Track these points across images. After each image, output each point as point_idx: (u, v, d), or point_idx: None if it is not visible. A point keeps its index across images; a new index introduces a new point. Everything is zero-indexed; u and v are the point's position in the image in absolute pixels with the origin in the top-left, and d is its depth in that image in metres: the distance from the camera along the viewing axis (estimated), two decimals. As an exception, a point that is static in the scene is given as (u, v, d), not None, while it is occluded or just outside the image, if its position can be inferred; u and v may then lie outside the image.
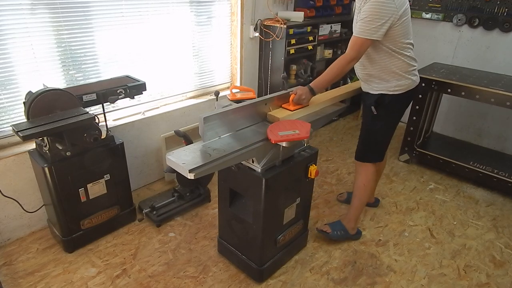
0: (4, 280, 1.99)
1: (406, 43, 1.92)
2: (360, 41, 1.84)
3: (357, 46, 1.86)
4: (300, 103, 1.94)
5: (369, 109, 2.11)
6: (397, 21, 1.80)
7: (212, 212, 2.61)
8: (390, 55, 1.94)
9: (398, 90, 2.03)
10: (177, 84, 3.00)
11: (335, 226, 2.35)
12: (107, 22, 2.39)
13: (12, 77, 2.11)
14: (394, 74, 1.99)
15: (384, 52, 1.93)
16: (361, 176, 2.26)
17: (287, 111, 1.90)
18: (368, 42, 1.84)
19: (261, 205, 1.77)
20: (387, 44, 1.90)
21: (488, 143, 3.61)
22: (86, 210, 2.18)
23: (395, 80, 2.00)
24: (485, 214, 2.72)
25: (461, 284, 2.09)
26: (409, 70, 2.00)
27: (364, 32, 1.81)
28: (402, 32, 1.86)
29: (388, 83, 2.02)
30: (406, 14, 1.84)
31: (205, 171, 1.43)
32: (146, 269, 2.10)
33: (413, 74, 2.03)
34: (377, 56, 1.96)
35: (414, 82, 2.05)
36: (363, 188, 2.25)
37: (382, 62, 1.97)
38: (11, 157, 2.14)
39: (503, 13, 3.23)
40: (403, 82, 2.01)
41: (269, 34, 3.26)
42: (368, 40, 1.82)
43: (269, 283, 2.03)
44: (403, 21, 1.82)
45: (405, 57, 1.96)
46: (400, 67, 1.97)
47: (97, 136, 2.03)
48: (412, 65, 2.01)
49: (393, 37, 1.87)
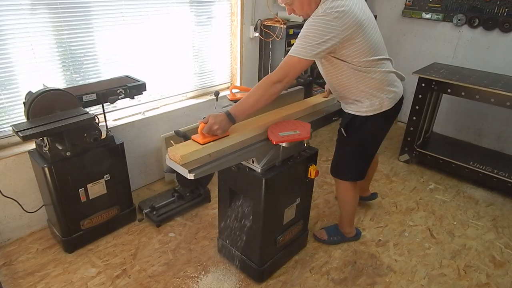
0: (4, 280, 1.99)
1: (374, 60, 1.70)
2: (292, 60, 1.59)
3: (287, 66, 1.60)
4: (213, 134, 1.56)
5: (340, 131, 1.97)
6: (346, 41, 1.57)
7: (212, 212, 2.61)
8: (357, 75, 1.73)
9: (371, 111, 1.83)
10: (177, 84, 3.00)
11: (331, 231, 2.33)
12: (107, 22, 2.39)
13: (12, 77, 2.10)
14: (365, 94, 1.79)
15: (349, 71, 1.72)
16: (339, 190, 2.19)
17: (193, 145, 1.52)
18: (302, 63, 1.59)
19: (261, 205, 1.77)
20: (350, 63, 1.68)
21: (488, 143, 3.61)
22: (86, 210, 2.18)
23: (366, 100, 1.81)
24: (485, 214, 2.72)
25: (461, 284, 2.09)
26: (384, 88, 1.79)
27: (298, 50, 1.57)
28: (364, 50, 1.64)
29: (359, 103, 1.84)
30: (361, 31, 1.58)
31: (205, 171, 1.43)
32: (146, 269, 2.10)
33: (389, 92, 1.81)
34: (342, 75, 1.76)
35: (393, 99, 1.83)
36: (343, 201, 2.20)
37: (349, 82, 1.77)
38: (11, 157, 2.14)
39: (503, 13, 3.23)
40: (375, 102, 1.80)
41: (269, 34, 3.26)
42: (302, 60, 1.57)
43: (269, 283, 2.03)
44: (360, 38, 1.59)
45: (377, 74, 1.74)
46: (371, 86, 1.76)
47: (97, 136, 2.03)
48: (387, 82, 1.78)
49: (355, 56, 1.65)
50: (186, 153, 1.45)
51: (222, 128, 1.55)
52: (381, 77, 1.76)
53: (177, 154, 1.44)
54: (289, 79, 1.62)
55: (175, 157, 1.44)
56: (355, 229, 2.37)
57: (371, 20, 1.68)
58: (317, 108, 2.07)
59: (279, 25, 3.16)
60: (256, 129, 1.72)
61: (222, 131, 1.56)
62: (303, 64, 1.60)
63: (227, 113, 1.57)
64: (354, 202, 2.19)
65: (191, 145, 1.52)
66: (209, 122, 1.53)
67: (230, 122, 1.58)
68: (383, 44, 1.77)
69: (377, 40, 1.70)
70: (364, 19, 1.60)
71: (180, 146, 1.52)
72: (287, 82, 1.62)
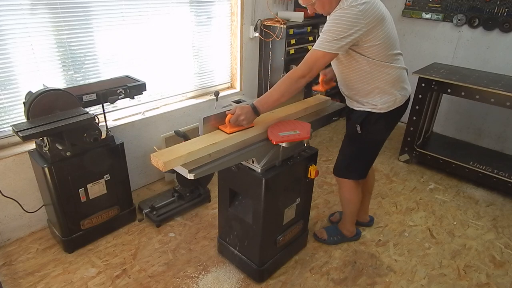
0: (4, 280, 1.99)
1: (392, 55, 1.74)
2: (317, 55, 1.62)
3: (311, 60, 1.64)
4: (239, 124, 1.63)
5: (354, 127, 1.95)
6: (369, 34, 1.61)
7: (212, 212, 2.61)
8: (374, 70, 1.75)
9: (385, 108, 1.85)
10: (177, 84, 3.00)
11: (331, 231, 2.33)
12: (107, 22, 2.39)
13: (12, 77, 2.11)
14: (379, 90, 1.81)
15: (367, 65, 1.74)
16: (342, 190, 2.19)
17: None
18: (326, 57, 1.63)
19: (261, 205, 1.77)
20: (369, 57, 1.71)
21: (488, 143, 3.61)
22: (86, 210, 2.18)
23: (379, 96, 1.83)
24: (485, 214, 2.72)
25: (461, 284, 2.09)
26: (397, 84, 1.82)
27: (323, 44, 1.60)
28: (385, 43, 1.67)
29: (374, 100, 1.85)
30: (382, 25, 1.63)
31: (205, 172, 1.43)
32: (146, 269, 2.10)
33: (401, 88, 1.84)
34: (359, 70, 1.77)
35: (404, 96, 1.87)
36: (347, 201, 2.20)
37: (365, 78, 1.79)
38: (11, 157, 2.14)
39: (503, 13, 3.22)
40: (390, 98, 1.83)
41: (269, 34, 3.26)
42: (327, 54, 1.61)
43: (269, 283, 2.03)
44: (381, 31, 1.63)
45: (394, 70, 1.77)
46: (386, 81, 1.79)
47: (97, 136, 2.03)
48: (401, 78, 1.82)
49: (375, 49, 1.68)
50: (169, 159, 1.37)
51: (247, 119, 1.62)
52: (397, 73, 1.79)
53: (160, 161, 1.36)
54: (313, 74, 1.66)
55: (158, 163, 1.38)
56: (355, 228, 2.37)
57: (389, 14, 1.73)
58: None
59: (279, 25, 3.16)
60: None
61: (248, 122, 1.63)
62: (327, 58, 1.64)
63: (252, 105, 1.64)
64: (358, 201, 2.21)
65: (175, 151, 1.44)
66: (236, 113, 1.61)
67: (255, 114, 1.66)
68: (397, 39, 1.80)
69: (395, 34, 1.75)
70: (385, 13, 1.67)
71: (164, 152, 1.44)
72: (311, 76, 1.66)
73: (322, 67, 1.69)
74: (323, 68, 1.70)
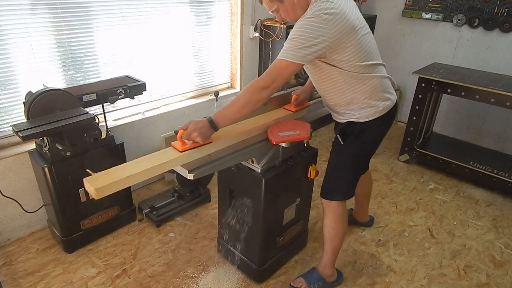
0: (4, 280, 1.99)
1: (368, 65, 1.59)
2: (280, 64, 1.48)
3: (275, 70, 1.50)
4: (193, 140, 1.46)
5: (336, 139, 1.82)
6: (336, 45, 1.47)
7: (212, 212, 2.61)
8: (350, 81, 1.61)
9: (365, 117, 1.71)
10: (177, 84, 3.00)
11: (310, 278, 2.00)
12: (107, 22, 2.39)
13: (12, 77, 2.11)
14: (356, 101, 1.68)
15: (341, 77, 1.61)
16: (328, 218, 1.91)
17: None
18: (291, 67, 1.48)
19: (261, 206, 1.77)
20: (342, 68, 1.57)
21: (488, 143, 3.61)
22: (86, 210, 2.18)
23: (358, 106, 1.69)
24: (485, 214, 2.72)
25: (461, 284, 2.09)
26: (376, 94, 1.67)
27: (286, 53, 1.46)
28: (357, 55, 1.53)
29: (353, 110, 1.72)
30: (352, 36, 1.48)
31: (205, 172, 1.43)
32: (146, 269, 2.10)
33: (382, 98, 1.69)
34: (333, 81, 1.64)
35: (386, 106, 1.71)
36: (333, 233, 1.90)
37: (341, 89, 1.66)
38: (11, 157, 2.14)
39: (503, 13, 3.22)
40: (369, 109, 1.69)
41: (269, 34, 3.26)
42: (290, 64, 1.46)
43: (269, 283, 2.03)
44: (350, 43, 1.49)
45: (373, 79, 1.63)
46: (363, 92, 1.65)
47: (97, 136, 2.03)
48: (380, 87, 1.67)
49: (347, 61, 1.54)
50: (102, 185, 1.20)
51: (202, 135, 1.44)
52: (376, 83, 1.65)
53: (91, 187, 1.19)
54: (277, 85, 1.51)
55: (90, 190, 1.21)
56: (336, 271, 2.04)
57: (364, 24, 1.59)
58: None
59: (279, 25, 3.16)
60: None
61: (203, 138, 1.45)
62: (292, 69, 1.49)
63: (209, 119, 1.48)
64: (343, 232, 1.93)
65: (112, 174, 1.27)
66: (189, 128, 1.44)
67: (212, 129, 1.48)
68: (376, 49, 1.67)
69: (370, 45, 1.60)
70: (357, 23, 1.51)
71: (99, 176, 1.26)
72: (275, 88, 1.52)
73: (287, 78, 1.55)
74: (288, 79, 1.57)
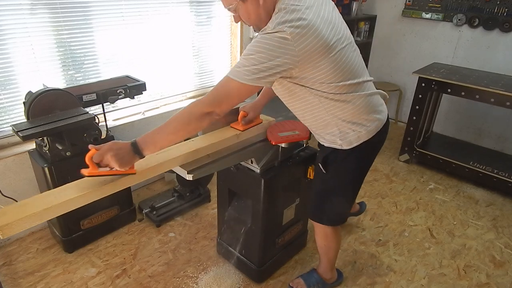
0: (4, 280, 2.00)
1: (349, 85, 1.32)
2: (230, 85, 1.22)
3: (223, 92, 1.23)
4: (105, 164, 1.19)
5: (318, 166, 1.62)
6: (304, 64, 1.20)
7: (212, 212, 2.61)
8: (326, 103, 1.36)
9: (347, 144, 1.47)
10: (177, 84, 3.00)
11: (310, 279, 1.96)
12: (107, 22, 2.39)
13: (12, 77, 2.11)
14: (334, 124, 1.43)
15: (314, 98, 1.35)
16: (318, 236, 1.82)
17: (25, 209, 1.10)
18: (242, 90, 1.21)
19: (260, 206, 1.77)
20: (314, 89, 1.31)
21: (488, 143, 3.61)
22: (86, 210, 2.18)
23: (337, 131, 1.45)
24: (485, 214, 2.72)
25: (461, 284, 2.09)
26: (360, 117, 1.41)
27: (239, 73, 1.19)
28: (333, 74, 1.26)
29: (334, 136, 1.48)
30: (326, 53, 1.21)
31: (204, 172, 1.43)
32: (146, 269, 2.10)
33: (367, 120, 1.43)
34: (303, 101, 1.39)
35: (373, 128, 1.45)
36: (326, 248, 1.84)
37: (313, 110, 1.40)
38: (11, 157, 2.14)
39: (503, 13, 3.22)
40: (351, 134, 1.45)
41: (269, 34, 3.25)
42: (242, 86, 1.19)
43: (269, 283, 2.04)
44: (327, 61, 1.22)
45: (356, 100, 1.36)
46: (341, 117, 1.40)
47: (97, 136, 2.03)
48: (365, 109, 1.40)
49: (320, 81, 1.28)
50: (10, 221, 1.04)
51: (120, 159, 1.16)
52: (361, 104, 1.38)
53: None
54: (223, 110, 1.25)
55: None
56: (336, 272, 2.02)
57: (343, 34, 1.29)
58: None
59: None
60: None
61: (120, 163, 1.17)
62: (244, 91, 1.22)
63: (133, 142, 1.20)
64: (337, 246, 1.85)
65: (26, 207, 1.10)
66: (103, 147, 1.16)
67: (135, 156, 1.20)
68: (361, 64, 1.40)
69: (351, 61, 1.31)
70: (331, 36, 1.22)
71: (11, 209, 1.11)
72: (219, 113, 1.26)
73: (236, 103, 1.28)
74: (238, 103, 1.29)
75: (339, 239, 1.85)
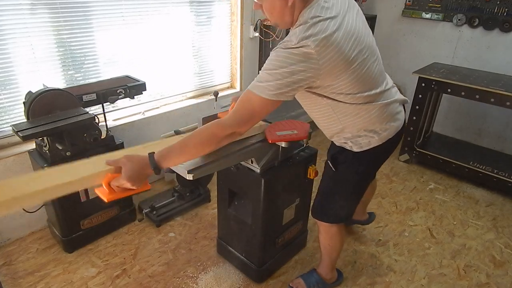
0: (4, 280, 2.00)
1: (366, 96, 1.33)
2: (255, 101, 1.21)
3: (248, 108, 1.23)
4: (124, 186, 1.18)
5: (327, 164, 1.67)
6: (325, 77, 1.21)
7: (212, 212, 2.61)
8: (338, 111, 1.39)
9: (358, 148, 1.51)
10: (177, 84, 3.00)
11: (310, 279, 1.98)
12: (107, 22, 2.39)
13: (12, 77, 2.11)
14: (348, 131, 1.47)
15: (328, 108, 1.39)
16: (322, 236, 1.84)
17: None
18: (267, 104, 1.21)
19: (260, 206, 1.77)
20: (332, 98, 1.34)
21: (488, 143, 3.61)
22: (86, 210, 2.18)
23: (350, 135, 1.49)
24: (485, 214, 2.72)
25: (461, 284, 2.09)
26: (374, 126, 1.44)
27: (263, 87, 1.18)
28: (352, 86, 1.28)
29: (347, 139, 1.52)
30: (349, 67, 1.21)
31: (204, 172, 1.43)
32: (146, 269, 2.10)
33: (380, 129, 1.45)
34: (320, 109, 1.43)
35: (385, 135, 1.47)
36: (329, 248, 1.85)
37: (329, 117, 1.44)
38: (11, 157, 2.14)
39: (503, 13, 3.22)
40: (362, 140, 1.48)
41: (269, 34, 3.26)
42: (267, 101, 1.19)
43: (269, 283, 2.04)
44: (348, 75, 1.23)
45: (368, 110, 1.38)
46: (356, 124, 1.42)
47: (97, 136, 2.03)
48: (380, 118, 1.42)
49: (338, 92, 1.30)
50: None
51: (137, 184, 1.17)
52: (378, 112, 1.40)
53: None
54: (247, 128, 1.26)
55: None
56: (336, 272, 2.04)
57: (365, 44, 1.27)
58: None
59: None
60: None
61: (137, 186, 1.18)
62: (268, 106, 1.22)
63: (152, 159, 1.19)
64: (341, 246, 1.87)
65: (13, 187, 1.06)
66: (125, 174, 1.15)
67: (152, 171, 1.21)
68: (382, 73, 1.41)
69: (372, 72, 1.31)
70: (354, 49, 1.21)
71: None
72: (242, 132, 1.27)
73: (258, 121, 1.27)
74: (258, 122, 1.30)
75: (343, 240, 1.87)
